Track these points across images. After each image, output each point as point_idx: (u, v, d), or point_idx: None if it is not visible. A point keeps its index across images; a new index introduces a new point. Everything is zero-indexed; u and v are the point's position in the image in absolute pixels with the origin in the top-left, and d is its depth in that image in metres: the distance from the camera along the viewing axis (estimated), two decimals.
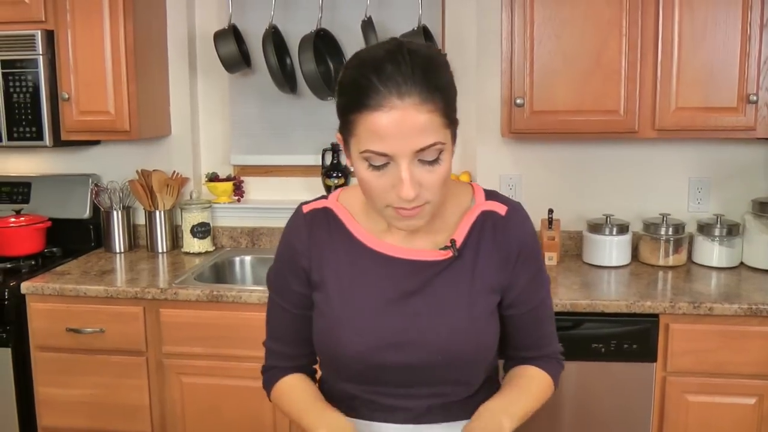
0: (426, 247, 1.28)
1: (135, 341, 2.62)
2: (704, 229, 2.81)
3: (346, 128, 1.16)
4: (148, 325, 2.61)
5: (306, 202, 1.37)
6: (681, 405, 2.40)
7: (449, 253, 1.27)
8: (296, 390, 1.36)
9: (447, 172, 1.16)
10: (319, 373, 1.45)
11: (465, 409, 1.30)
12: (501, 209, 1.31)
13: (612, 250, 2.83)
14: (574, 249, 3.04)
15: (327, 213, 1.34)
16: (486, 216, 1.30)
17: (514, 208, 1.33)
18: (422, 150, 1.11)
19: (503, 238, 1.29)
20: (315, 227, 1.32)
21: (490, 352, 1.32)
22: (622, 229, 2.83)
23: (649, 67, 2.58)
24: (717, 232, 2.78)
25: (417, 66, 1.10)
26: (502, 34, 2.67)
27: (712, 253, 2.79)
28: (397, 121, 1.08)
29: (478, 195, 1.34)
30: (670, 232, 2.81)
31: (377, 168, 1.13)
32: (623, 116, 2.61)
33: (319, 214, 1.34)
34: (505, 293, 1.31)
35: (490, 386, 1.38)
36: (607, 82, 2.60)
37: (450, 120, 1.15)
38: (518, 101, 2.65)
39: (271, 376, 1.40)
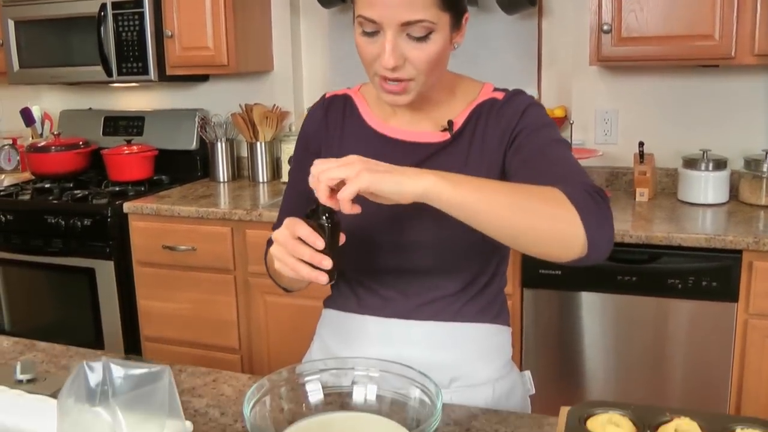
0: (427, 130, 1.31)
1: (224, 260, 2.79)
2: None
3: None
4: (236, 245, 2.78)
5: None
6: (765, 350, 2.25)
7: (446, 135, 1.29)
8: None
9: (436, 53, 1.19)
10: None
11: (452, 308, 1.31)
12: (500, 95, 1.31)
13: (708, 187, 2.66)
14: (671, 187, 2.89)
15: (345, 99, 1.41)
16: (486, 103, 1.31)
17: (514, 92, 1.32)
18: (408, 24, 1.15)
19: (497, 119, 1.27)
20: (331, 111, 1.40)
21: (482, 239, 1.28)
22: (719, 164, 2.66)
23: None
24: None
25: None
26: None
27: None
28: None
29: (485, 89, 1.34)
30: None
31: (369, 35, 1.18)
32: (718, 41, 2.43)
33: (337, 99, 1.41)
34: (507, 158, 1.26)
35: (483, 292, 1.34)
36: (700, 3, 2.43)
37: (447, 3, 1.17)
38: (605, 27, 2.54)
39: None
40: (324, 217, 1.07)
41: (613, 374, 2.44)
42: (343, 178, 1.01)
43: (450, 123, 1.29)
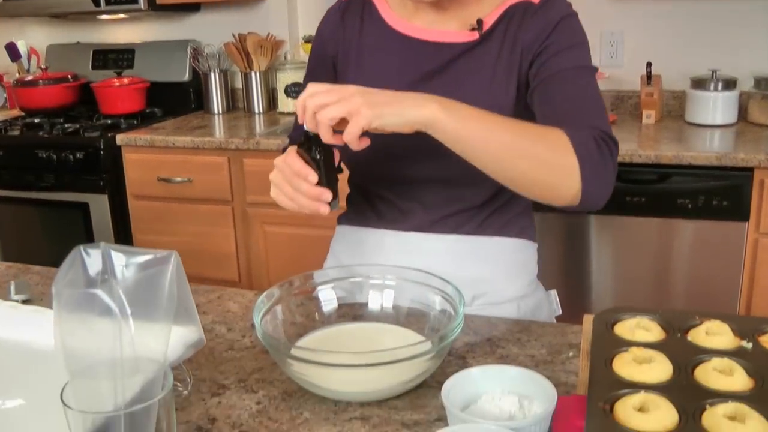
0: (453, 30, 1.22)
1: (221, 190, 2.73)
2: None
3: None
4: (233, 174, 2.71)
5: None
6: None
7: (475, 35, 1.20)
8: None
9: None
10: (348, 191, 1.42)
11: (475, 220, 1.25)
12: None
13: (716, 108, 2.59)
14: (678, 109, 2.82)
15: (363, 0, 1.32)
16: (519, 5, 1.21)
17: None
18: None
19: (532, 23, 1.18)
20: (348, 14, 1.31)
21: None
22: (729, 84, 2.58)
23: None
24: None
25: None
26: None
27: None
28: None
29: None
30: None
31: None
32: None
33: (355, 0, 1.32)
34: (531, 75, 1.19)
35: (508, 204, 1.28)
36: None
37: None
38: None
39: None
40: (314, 149, 1.01)
41: (621, 296, 2.40)
42: (344, 116, 0.93)
43: (479, 21, 1.19)
